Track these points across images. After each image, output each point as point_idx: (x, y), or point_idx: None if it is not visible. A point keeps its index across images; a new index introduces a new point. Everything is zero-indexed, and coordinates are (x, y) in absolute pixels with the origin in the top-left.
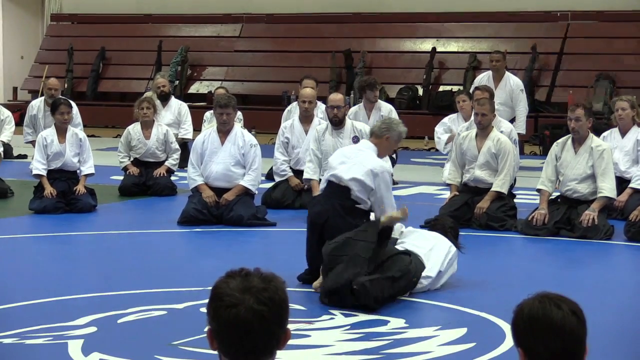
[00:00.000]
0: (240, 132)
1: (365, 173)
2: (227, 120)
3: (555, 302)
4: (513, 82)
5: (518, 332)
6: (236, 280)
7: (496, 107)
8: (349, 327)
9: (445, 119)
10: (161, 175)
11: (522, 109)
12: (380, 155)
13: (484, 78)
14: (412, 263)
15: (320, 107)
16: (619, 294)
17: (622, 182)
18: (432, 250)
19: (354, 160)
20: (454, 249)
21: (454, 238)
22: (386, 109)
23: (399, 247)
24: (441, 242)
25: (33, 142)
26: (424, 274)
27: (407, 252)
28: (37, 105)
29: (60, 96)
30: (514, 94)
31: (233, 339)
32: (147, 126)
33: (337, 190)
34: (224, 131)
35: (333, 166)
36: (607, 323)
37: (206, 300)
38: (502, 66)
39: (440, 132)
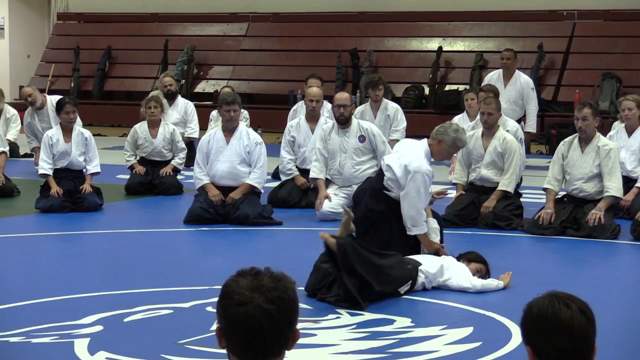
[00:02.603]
0: (245, 131)
1: (399, 165)
2: (234, 117)
3: (565, 301)
4: (523, 80)
5: (527, 331)
6: (246, 278)
7: (506, 105)
8: (355, 326)
9: (454, 120)
10: (167, 174)
11: (533, 107)
12: (435, 157)
13: (494, 76)
14: (407, 259)
15: (327, 106)
16: (625, 293)
17: (628, 182)
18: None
19: (402, 152)
20: (464, 268)
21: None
22: (392, 109)
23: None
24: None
25: (37, 148)
26: (424, 268)
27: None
28: (30, 112)
29: (64, 96)
30: (524, 92)
31: (242, 338)
32: (154, 125)
33: (379, 173)
34: (229, 130)
35: (390, 153)
36: (612, 322)
37: (212, 299)
38: (512, 64)
39: None
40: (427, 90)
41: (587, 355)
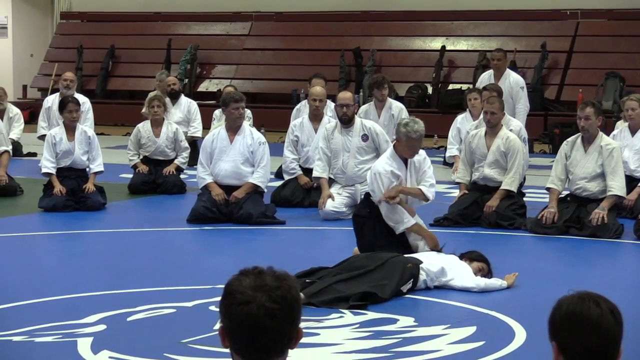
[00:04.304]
0: (249, 130)
1: (369, 175)
2: (242, 114)
3: (595, 300)
4: (512, 79)
5: (554, 327)
6: (249, 278)
7: None
8: (358, 325)
9: (457, 120)
10: (170, 173)
11: (522, 106)
12: (403, 155)
13: (484, 77)
14: (402, 257)
15: (330, 105)
16: (628, 293)
17: (631, 181)
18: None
19: None
20: (466, 267)
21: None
22: (397, 108)
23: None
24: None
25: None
26: (425, 266)
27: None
28: (53, 99)
29: (70, 93)
30: (513, 91)
31: (245, 337)
32: (157, 124)
33: None
34: (233, 129)
35: None
36: None
37: (215, 298)
38: (503, 64)
39: (451, 141)
40: (430, 90)
41: (612, 356)
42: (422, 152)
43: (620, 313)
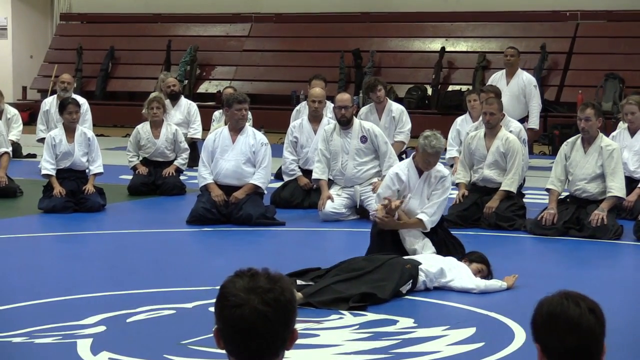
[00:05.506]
0: (251, 131)
1: None
2: (245, 116)
3: (575, 299)
4: (525, 77)
5: (536, 328)
6: (243, 280)
7: (508, 102)
8: (357, 326)
9: (457, 121)
10: (170, 174)
11: (536, 104)
12: (418, 165)
13: (496, 76)
14: (401, 258)
15: (329, 106)
16: (628, 294)
17: (631, 182)
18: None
19: None
20: (465, 268)
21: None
22: (397, 110)
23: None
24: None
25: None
26: (424, 267)
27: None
28: (50, 101)
29: (68, 95)
30: (526, 89)
31: (238, 339)
32: (156, 126)
33: None
34: (236, 129)
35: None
36: (615, 322)
37: (215, 300)
38: (515, 62)
39: (451, 142)
40: (429, 91)
41: (596, 354)
42: (444, 171)
43: (601, 311)
